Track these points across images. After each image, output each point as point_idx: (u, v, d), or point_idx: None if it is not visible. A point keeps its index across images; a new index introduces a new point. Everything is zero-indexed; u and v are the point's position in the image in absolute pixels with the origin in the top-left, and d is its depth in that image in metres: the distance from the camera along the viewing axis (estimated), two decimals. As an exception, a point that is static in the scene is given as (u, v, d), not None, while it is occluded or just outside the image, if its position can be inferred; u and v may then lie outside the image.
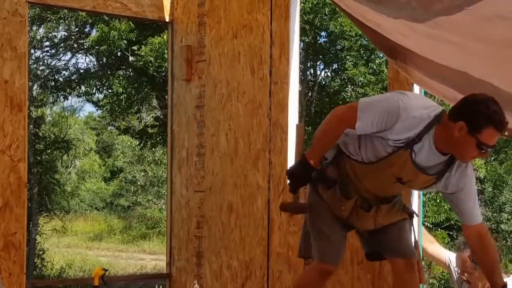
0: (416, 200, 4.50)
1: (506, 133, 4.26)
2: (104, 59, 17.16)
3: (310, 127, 13.02)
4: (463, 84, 3.97)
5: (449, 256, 4.61)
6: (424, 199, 14.17)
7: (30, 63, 16.55)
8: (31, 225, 16.47)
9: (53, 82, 18.02)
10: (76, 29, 17.24)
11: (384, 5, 3.73)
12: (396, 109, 3.25)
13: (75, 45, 17.46)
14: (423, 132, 3.28)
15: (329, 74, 16.45)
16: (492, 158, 17.72)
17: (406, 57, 4.22)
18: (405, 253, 3.62)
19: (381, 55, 13.29)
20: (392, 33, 4.00)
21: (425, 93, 4.76)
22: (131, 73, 16.72)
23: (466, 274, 4.24)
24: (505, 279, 4.18)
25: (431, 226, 15.01)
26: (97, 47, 15.77)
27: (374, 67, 14.48)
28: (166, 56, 11.03)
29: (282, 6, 5.23)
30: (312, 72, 16.96)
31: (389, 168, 3.37)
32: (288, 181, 3.65)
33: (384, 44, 4.21)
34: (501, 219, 16.45)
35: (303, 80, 15.32)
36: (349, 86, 14.88)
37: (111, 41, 14.93)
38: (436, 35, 3.68)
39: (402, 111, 3.25)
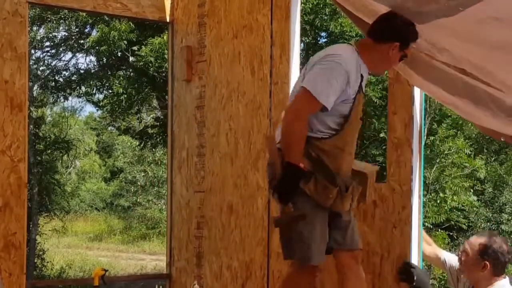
0: (416, 201, 4.49)
1: (502, 139, 4.29)
2: (104, 60, 17.16)
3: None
4: (460, 87, 3.97)
5: (445, 257, 4.60)
6: (425, 200, 14.15)
7: (31, 63, 16.57)
8: (31, 225, 16.49)
9: (53, 83, 18.03)
10: (76, 29, 17.25)
11: (381, 3, 3.74)
12: (340, 67, 3.53)
13: (76, 46, 17.47)
14: (359, 67, 3.62)
15: (329, 74, 16.43)
16: (493, 159, 17.71)
17: (405, 58, 4.21)
18: (356, 244, 3.76)
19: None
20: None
21: (426, 96, 4.75)
22: (131, 74, 16.72)
23: (464, 266, 4.18)
24: (503, 280, 4.17)
25: (431, 226, 14.99)
26: (97, 48, 15.77)
27: (375, 67, 14.46)
28: (166, 56, 11.03)
29: (282, 6, 5.22)
30: (312, 72, 16.92)
31: (357, 115, 3.66)
32: (278, 195, 3.58)
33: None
34: (501, 219, 16.44)
35: (303, 81, 15.29)
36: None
37: (111, 42, 14.93)
38: (434, 35, 3.69)
39: (346, 65, 3.54)
